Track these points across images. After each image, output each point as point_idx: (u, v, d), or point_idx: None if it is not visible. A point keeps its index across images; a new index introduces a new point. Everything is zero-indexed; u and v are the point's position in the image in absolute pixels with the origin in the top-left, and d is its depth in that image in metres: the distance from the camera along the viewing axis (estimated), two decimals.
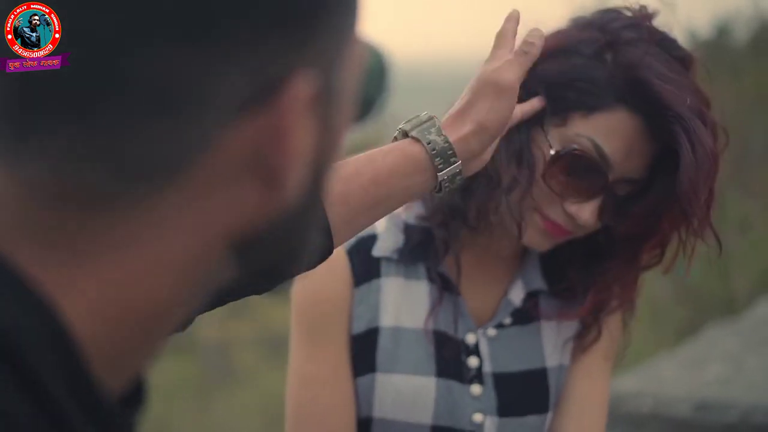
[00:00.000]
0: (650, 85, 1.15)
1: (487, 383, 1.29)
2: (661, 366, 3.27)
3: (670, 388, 3.07)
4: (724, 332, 3.64)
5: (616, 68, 1.18)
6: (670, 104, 1.14)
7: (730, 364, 3.24)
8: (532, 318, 1.34)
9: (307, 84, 0.51)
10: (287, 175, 0.51)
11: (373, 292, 1.28)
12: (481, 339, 1.31)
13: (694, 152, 1.13)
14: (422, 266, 1.30)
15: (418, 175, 1.06)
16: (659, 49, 1.18)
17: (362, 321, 1.28)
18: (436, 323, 1.29)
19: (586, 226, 1.21)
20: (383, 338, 1.27)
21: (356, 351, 1.28)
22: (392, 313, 1.28)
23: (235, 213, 0.51)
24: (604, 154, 1.19)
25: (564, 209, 1.21)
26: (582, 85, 1.20)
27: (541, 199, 1.22)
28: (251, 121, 0.50)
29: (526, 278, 1.34)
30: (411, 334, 1.28)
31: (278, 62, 0.50)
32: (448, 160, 1.06)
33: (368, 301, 1.28)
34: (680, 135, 1.13)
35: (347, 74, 0.55)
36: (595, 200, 1.20)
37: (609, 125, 1.18)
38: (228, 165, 0.50)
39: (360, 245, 1.29)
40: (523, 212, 1.23)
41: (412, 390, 1.26)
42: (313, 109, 0.52)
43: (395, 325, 1.28)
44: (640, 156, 1.20)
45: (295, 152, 0.51)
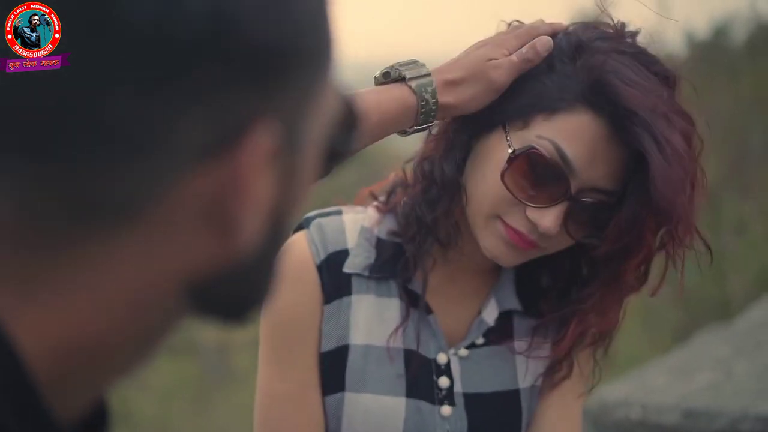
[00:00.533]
0: (613, 87, 1.13)
1: (457, 404, 1.28)
2: (650, 373, 3.27)
3: (659, 395, 3.07)
4: (715, 338, 3.64)
5: (581, 70, 1.17)
6: (632, 106, 1.12)
7: (720, 370, 3.24)
8: (506, 338, 1.32)
9: (268, 135, 0.51)
10: (243, 224, 0.52)
11: (343, 309, 1.26)
12: (453, 359, 1.29)
13: (662, 152, 1.11)
14: (394, 283, 1.29)
15: (407, 123, 1.19)
16: (631, 59, 1.17)
17: (332, 339, 1.26)
18: (407, 342, 1.28)
19: (547, 233, 1.16)
20: (353, 356, 1.26)
21: (325, 369, 1.26)
22: (363, 331, 1.26)
23: (189, 258, 0.52)
24: (566, 158, 1.15)
25: (526, 216, 1.17)
26: (544, 86, 1.18)
27: (503, 206, 1.18)
28: (210, 169, 0.50)
29: (500, 297, 1.32)
30: (381, 352, 1.26)
31: (239, 113, 0.50)
32: (427, 119, 1.19)
33: (338, 319, 1.26)
34: (644, 136, 1.11)
35: (314, 126, 0.55)
36: (558, 207, 1.16)
37: (571, 128, 1.16)
38: (184, 211, 0.51)
39: (331, 260, 1.27)
40: (486, 221, 1.20)
41: (381, 410, 1.25)
42: (275, 160, 0.52)
43: (365, 344, 1.26)
44: (607, 163, 1.16)
45: (253, 203, 0.52)
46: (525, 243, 1.19)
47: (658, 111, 1.12)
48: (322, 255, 1.27)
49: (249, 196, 0.51)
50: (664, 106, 1.14)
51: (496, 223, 1.19)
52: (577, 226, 1.19)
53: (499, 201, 1.19)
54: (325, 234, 1.28)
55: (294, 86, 0.52)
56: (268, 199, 0.53)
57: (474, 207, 1.22)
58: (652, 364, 3.39)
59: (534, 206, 1.17)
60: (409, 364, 1.27)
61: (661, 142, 1.11)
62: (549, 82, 1.18)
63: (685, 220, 1.14)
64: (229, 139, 0.50)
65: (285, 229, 0.58)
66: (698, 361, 3.37)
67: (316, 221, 1.29)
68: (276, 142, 0.51)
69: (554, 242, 1.21)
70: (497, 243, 1.20)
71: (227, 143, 0.50)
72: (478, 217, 1.21)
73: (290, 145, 0.53)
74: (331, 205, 1.34)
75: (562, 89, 1.17)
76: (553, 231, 1.16)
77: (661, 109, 1.13)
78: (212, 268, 0.53)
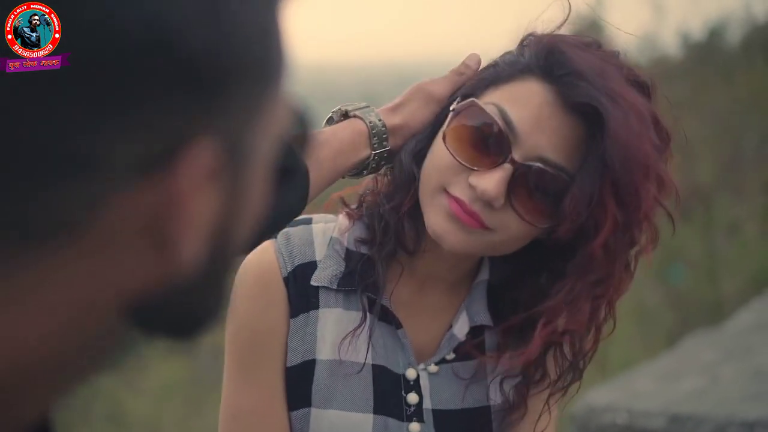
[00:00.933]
0: (562, 53, 1.12)
1: (426, 421, 1.25)
2: (637, 378, 3.27)
3: (645, 401, 3.07)
4: (703, 343, 3.64)
5: (532, 45, 1.17)
6: (582, 67, 1.10)
7: (707, 376, 3.24)
8: (476, 353, 1.28)
9: (209, 152, 0.50)
10: (183, 243, 0.51)
11: (310, 323, 1.24)
12: (422, 374, 1.27)
13: (616, 106, 1.07)
14: (361, 296, 1.25)
15: (363, 150, 1.21)
16: (594, 55, 1.13)
17: (298, 353, 1.23)
18: (375, 357, 1.24)
19: (486, 197, 1.11)
20: (319, 371, 1.23)
21: (291, 384, 1.23)
22: (330, 345, 1.23)
23: (128, 277, 0.52)
24: (509, 119, 1.12)
25: (469, 184, 1.13)
26: (496, 66, 1.19)
27: (447, 175, 1.14)
28: (147, 187, 0.49)
29: (471, 311, 1.29)
30: (349, 367, 1.23)
31: (178, 129, 0.49)
32: (381, 142, 1.21)
33: (304, 333, 1.23)
34: (594, 92, 1.08)
35: (262, 141, 0.54)
36: (499, 171, 1.11)
37: (518, 93, 1.14)
38: (120, 229, 0.50)
39: (298, 273, 1.24)
40: (432, 196, 1.16)
41: (348, 426, 1.22)
42: (217, 176, 0.51)
43: (332, 358, 1.23)
44: (554, 131, 1.11)
45: (192, 221, 0.51)
46: (466, 214, 1.13)
47: (612, 75, 1.09)
48: (289, 267, 1.24)
49: (187, 214, 0.50)
50: (618, 74, 1.11)
51: (441, 196, 1.15)
52: (524, 202, 1.13)
53: (444, 169, 1.15)
54: (292, 245, 1.25)
55: (239, 101, 0.51)
56: (209, 217, 0.52)
57: (423, 184, 1.18)
58: (639, 369, 3.39)
59: (475, 169, 1.13)
60: (377, 379, 1.24)
61: (614, 96, 1.07)
62: (500, 62, 1.19)
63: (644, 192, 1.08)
64: (166, 156, 0.49)
65: (231, 248, 0.57)
66: (685, 366, 3.37)
67: (284, 231, 1.26)
68: (217, 158, 0.50)
69: (502, 222, 1.14)
70: (440, 219, 1.15)
71: (165, 160, 0.49)
72: (425, 194, 1.17)
73: (235, 161, 0.52)
74: None
75: (512, 64, 1.17)
76: (492, 193, 1.10)
77: (617, 74, 1.10)
78: (152, 288, 0.52)
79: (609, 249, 1.13)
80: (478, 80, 1.19)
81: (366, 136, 1.21)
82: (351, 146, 1.21)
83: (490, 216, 1.13)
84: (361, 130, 1.21)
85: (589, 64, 1.10)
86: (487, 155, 1.13)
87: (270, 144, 0.56)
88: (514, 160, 1.12)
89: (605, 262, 1.14)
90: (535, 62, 1.14)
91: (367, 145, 1.21)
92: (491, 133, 1.13)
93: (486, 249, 1.19)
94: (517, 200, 1.13)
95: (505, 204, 1.12)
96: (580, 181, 1.10)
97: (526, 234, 1.16)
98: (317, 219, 1.30)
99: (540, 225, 1.14)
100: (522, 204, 1.13)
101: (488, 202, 1.12)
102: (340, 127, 1.22)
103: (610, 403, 3.05)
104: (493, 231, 1.14)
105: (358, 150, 1.21)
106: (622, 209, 1.10)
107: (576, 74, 1.10)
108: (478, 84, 1.19)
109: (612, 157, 1.07)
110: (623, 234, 1.12)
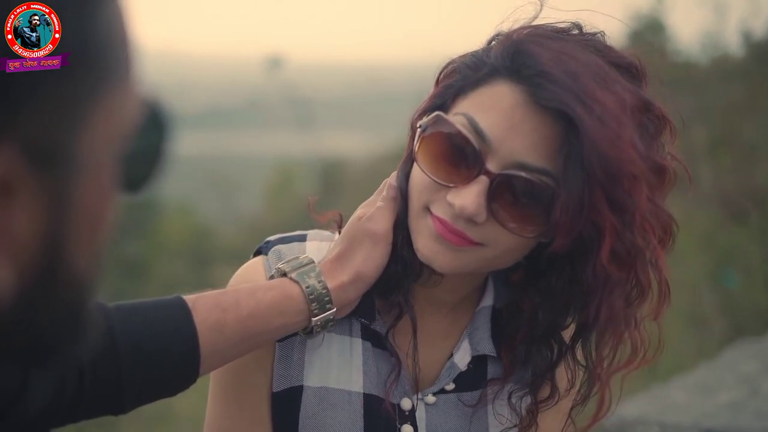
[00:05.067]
0: (529, 51, 1.05)
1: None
2: (671, 390, 3.20)
3: (678, 413, 3.00)
4: (744, 354, 3.55)
5: (497, 45, 1.10)
6: (550, 67, 1.03)
7: (745, 388, 3.16)
8: (478, 384, 1.22)
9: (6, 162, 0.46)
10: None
11: (297, 348, 1.18)
12: (418, 405, 1.20)
13: (588, 111, 1.00)
14: (355, 321, 1.19)
15: (295, 315, 1.11)
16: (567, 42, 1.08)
17: (284, 379, 1.18)
18: (368, 385, 1.18)
19: (464, 213, 1.05)
20: (307, 399, 1.17)
21: (277, 410, 1.18)
22: (318, 372, 1.18)
23: None
24: (479, 129, 1.06)
25: (448, 202, 1.07)
26: (461, 73, 1.11)
27: (427, 194, 1.09)
28: None
29: (474, 340, 1.22)
30: (339, 395, 1.18)
31: None
32: (324, 306, 1.12)
33: (291, 358, 1.18)
34: (565, 94, 1.01)
35: (94, 142, 0.50)
36: (476, 184, 1.06)
37: (486, 99, 1.07)
38: None
39: None
40: (418, 218, 1.11)
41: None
42: (22, 188, 0.47)
43: (321, 386, 1.18)
44: (527, 134, 1.04)
45: None
46: (451, 233, 1.07)
47: (583, 71, 1.03)
48: None
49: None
50: (594, 68, 1.04)
51: (426, 218, 1.10)
52: (509, 213, 1.07)
53: (423, 189, 1.10)
54: None
55: (48, 102, 0.47)
56: (23, 234, 0.47)
57: (409, 208, 1.13)
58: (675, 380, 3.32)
59: (451, 186, 1.07)
60: (368, 409, 1.18)
61: (586, 101, 1.01)
62: (465, 68, 1.12)
63: (632, 186, 1.02)
64: None
65: (69, 271, 0.51)
66: (724, 377, 3.29)
67: (276, 248, 1.20)
68: (15, 167, 0.46)
69: (490, 236, 1.08)
70: (427, 241, 1.10)
71: None
72: (412, 217, 1.13)
73: (52, 168, 0.48)
74: None
75: (477, 68, 1.10)
76: (470, 209, 1.05)
77: (591, 70, 1.04)
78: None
79: (620, 257, 1.06)
80: (444, 91, 1.13)
81: (298, 301, 1.11)
82: (270, 310, 1.10)
83: (476, 231, 1.08)
84: (292, 294, 1.12)
85: (559, 61, 1.04)
86: (461, 169, 1.08)
87: (107, 144, 0.51)
88: (489, 171, 1.06)
89: (623, 271, 1.07)
90: (501, 63, 1.08)
91: (300, 311, 1.12)
92: (462, 146, 1.08)
93: (481, 265, 1.13)
94: (500, 211, 1.07)
95: (488, 217, 1.07)
96: (567, 184, 1.03)
97: (520, 245, 1.10)
98: (312, 236, 1.24)
99: (528, 235, 1.08)
100: (506, 215, 1.07)
101: (470, 219, 1.07)
102: (263, 288, 1.12)
103: (642, 416, 2.99)
104: (485, 246, 1.09)
105: (283, 315, 1.11)
106: (617, 215, 1.04)
107: (544, 75, 1.04)
108: (444, 95, 1.13)
109: (594, 167, 1.02)
110: (628, 239, 1.05)
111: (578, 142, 1.02)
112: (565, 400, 1.22)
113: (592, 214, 1.03)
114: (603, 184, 1.02)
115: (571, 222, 1.03)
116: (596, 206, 1.02)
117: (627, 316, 1.10)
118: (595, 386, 1.15)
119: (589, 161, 1.01)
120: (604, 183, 1.02)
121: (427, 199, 1.10)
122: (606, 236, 1.04)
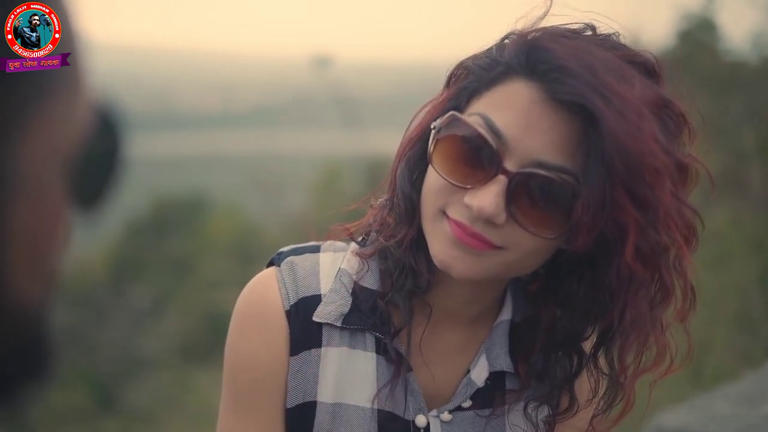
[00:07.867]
0: (545, 47, 1.03)
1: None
2: (714, 400, 3.13)
3: (721, 425, 2.93)
4: None
5: (511, 44, 1.08)
6: (567, 62, 1.01)
7: None
8: (496, 402, 1.19)
9: None
10: None
11: (311, 362, 1.16)
12: (433, 421, 1.18)
13: (608, 104, 0.98)
14: (370, 335, 1.17)
15: None
16: (581, 41, 1.06)
17: (297, 393, 1.16)
18: (382, 401, 1.16)
19: (482, 214, 1.02)
20: (321, 415, 1.15)
21: (291, 426, 1.16)
22: (332, 387, 1.16)
23: None
24: (495, 128, 1.03)
25: (465, 204, 1.05)
26: (475, 74, 1.09)
27: (443, 197, 1.07)
28: None
29: (491, 354, 1.19)
30: (352, 411, 1.16)
31: None
32: None
33: (305, 373, 1.16)
34: (584, 88, 0.99)
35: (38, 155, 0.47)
36: (494, 184, 1.03)
37: (502, 97, 1.05)
38: None
39: (301, 306, 1.16)
40: (434, 222, 1.08)
41: None
42: None
43: (335, 401, 1.16)
44: (545, 130, 1.02)
45: None
46: (470, 237, 1.04)
47: (601, 66, 1.00)
48: (293, 299, 1.16)
49: None
50: (611, 63, 1.02)
51: (442, 222, 1.07)
52: (528, 213, 1.04)
53: (438, 192, 1.07)
54: (296, 275, 1.17)
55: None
56: None
57: (423, 212, 1.10)
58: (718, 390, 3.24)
59: (468, 187, 1.05)
60: (382, 426, 1.16)
61: (605, 93, 0.98)
62: (478, 69, 1.10)
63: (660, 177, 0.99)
64: None
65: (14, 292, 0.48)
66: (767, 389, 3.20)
67: (289, 259, 1.18)
68: None
69: (511, 238, 1.05)
70: (444, 246, 1.06)
71: None
72: (426, 222, 1.09)
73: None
74: None
75: (491, 68, 1.08)
76: (488, 210, 1.02)
77: (608, 65, 1.01)
78: None
79: (644, 255, 1.02)
80: (458, 93, 1.10)
81: None
82: None
83: (496, 234, 1.05)
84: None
85: (576, 56, 1.01)
86: (478, 170, 1.05)
87: (53, 165, 0.48)
88: (507, 170, 1.03)
89: (647, 270, 1.03)
90: (516, 61, 1.05)
91: None
92: (479, 146, 1.04)
93: (501, 271, 1.09)
94: (520, 212, 1.04)
95: (508, 219, 1.04)
96: (587, 182, 1.00)
97: (541, 248, 1.07)
98: (326, 247, 1.22)
99: (549, 236, 1.05)
100: (526, 215, 1.04)
101: (489, 220, 1.03)
102: None
103: (682, 426, 2.92)
104: (505, 249, 1.06)
105: None
106: (641, 211, 1.00)
107: (561, 69, 1.01)
108: (458, 96, 1.10)
109: (615, 161, 0.98)
110: (652, 236, 1.02)
111: (598, 137, 0.99)
112: (584, 410, 1.19)
113: (615, 211, 1.00)
114: (624, 179, 0.99)
115: (593, 220, 1.00)
116: (618, 203, 0.99)
117: (652, 318, 1.07)
118: (619, 395, 1.12)
119: (609, 156, 0.98)
120: (625, 178, 0.98)
121: (443, 203, 1.07)
122: (629, 233, 1.00)
